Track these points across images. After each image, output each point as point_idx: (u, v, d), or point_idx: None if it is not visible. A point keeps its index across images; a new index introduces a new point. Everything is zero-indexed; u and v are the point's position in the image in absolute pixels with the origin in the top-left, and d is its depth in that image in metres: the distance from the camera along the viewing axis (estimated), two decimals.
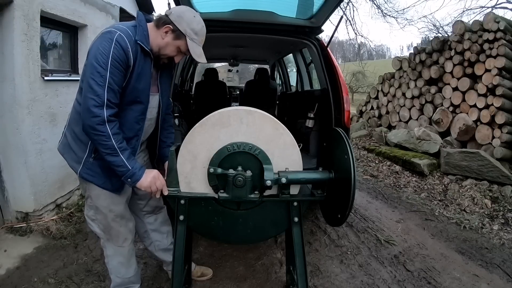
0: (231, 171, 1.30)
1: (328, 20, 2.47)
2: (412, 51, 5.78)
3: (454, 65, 4.68)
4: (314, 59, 2.67)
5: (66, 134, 1.44)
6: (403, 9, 16.56)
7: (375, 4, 10.32)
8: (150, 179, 1.31)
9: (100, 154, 1.27)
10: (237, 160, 1.32)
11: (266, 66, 5.65)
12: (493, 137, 4.07)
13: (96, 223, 1.50)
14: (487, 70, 4.20)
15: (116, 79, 1.21)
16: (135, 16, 1.36)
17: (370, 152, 5.03)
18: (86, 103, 1.19)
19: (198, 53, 1.35)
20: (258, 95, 4.54)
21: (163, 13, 1.36)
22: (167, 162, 1.44)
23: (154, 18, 1.39)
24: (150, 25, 1.33)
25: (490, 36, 4.17)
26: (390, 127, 5.85)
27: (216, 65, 9.21)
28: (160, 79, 1.45)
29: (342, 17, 2.92)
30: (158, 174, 1.35)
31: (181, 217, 1.39)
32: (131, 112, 1.33)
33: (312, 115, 2.95)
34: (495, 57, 4.10)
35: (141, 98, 1.33)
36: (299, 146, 1.40)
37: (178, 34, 1.30)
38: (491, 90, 4.11)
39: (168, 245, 1.79)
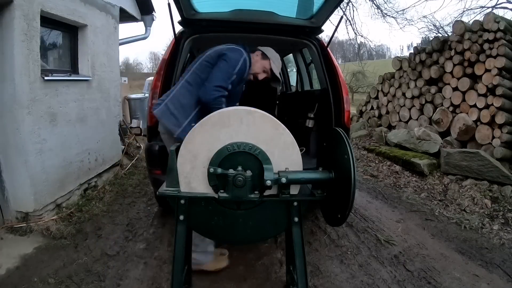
0: (231, 171, 1.30)
1: (328, 20, 2.47)
2: (412, 51, 5.78)
3: (454, 65, 4.68)
4: (314, 59, 2.67)
5: (168, 104, 1.82)
6: (403, 9, 16.54)
7: (375, 4, 10.33)
8: None
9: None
10: (237, 160, 1.32)
11: None
12: (493, 137, 4.07)
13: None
14: (487, 70, 4.20)
15: (234, 79, 1.82)
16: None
17: (370, 152, 5.03)
18: (213, 83, 1.75)
19: (277, 67, 2.06)
20: (258, 95, 4.54)
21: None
22: None
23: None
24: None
25: (490, 36, 4.17)
26: (390, 127, 5.85)
27: None
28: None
29: (342, 17, 2.92)
30: None
31: (181, 217, 1.39)
32: (230, 98, 1.87)
33: (312, 115, 2.95)
34: (495, 57, 4.10)
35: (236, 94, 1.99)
36: (301, 151, 1.39)
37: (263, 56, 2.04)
38: (491, 90, 4.11)
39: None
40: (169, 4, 2.02)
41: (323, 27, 2.53)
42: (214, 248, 2.00)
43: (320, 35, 2.71)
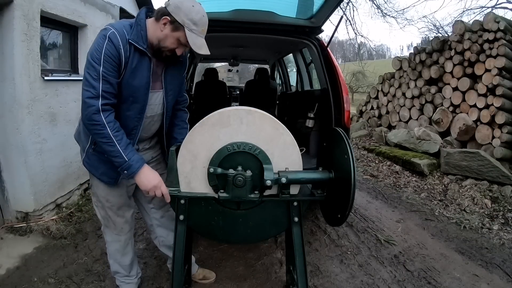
0: (231, 171, 1.30)
1: (328, 20, 2.47)
2: (412, 51, 5.78)
3: (454, 65, 4.68)
4: (314, 59, 2.67)
5: (80, 123, 1.45)
6: (403, 9, 16.57)
7: (375, 4, 10.33)
8: (151, 186, 1.31)
9: (98, 145, 1.29)
10: (237, 160, 1.32)
11: (266, 66, 5.65)
12: (493, 137, 4.07)
13: (98, 209, 1.58)
14: (487, 70, 4.20)
15: (110, 73, 1.23)
16: (135, 16, 1.35)
17: (370, 152, 5.03)
18: (82, 96, 1.23)
19: (198, 44, 1.28)
20: (258, 95, 4.54)
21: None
22: None
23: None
24: (151, 20, 1.32)
25: (490, 36, 4.17)
26: (390, 127, 5.85)
27: (216, 65, 9.21)
28: (165, 76, 1.41)
29: (342, 17, 2.93)
30: (160, 183, 1.32)
31: (181, 217, 1.39)
32: (126, 109, 1.32)
33: (312, 115, 2.95)
34: (495, 57, 4.10)
35: (137, 95, 1.32)
36: (301, 151, 1.39)
37: (176, 25, 1.26)
38: (491, 90, 4.11)
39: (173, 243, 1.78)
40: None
41: (323, 27, 2.53)
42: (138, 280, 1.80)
43: (320, 35, 2.71)
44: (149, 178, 1.31)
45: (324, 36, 2.97)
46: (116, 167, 1.29)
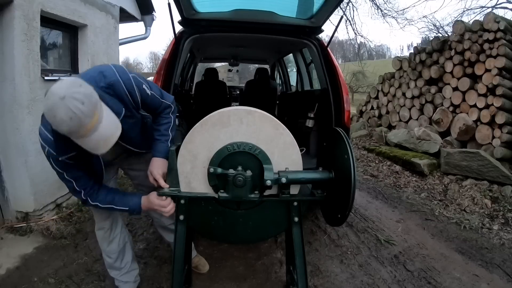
0: (231, 171, 1.30)
1: (328, 20, 2.47)
2: (412, 51, 5.78)
3: (454, 65, 4.68)
4: (314, 59, 2.67)
5: None
6: (403, 9, 16.49)
7: (375, 4, 10.32)
8: (154, 208, 1.38)
9: None
10: (237, 160, 1.32)
11: (266, 66, 5.65)
12: (493, 137, 4.07)
13: None
14: (487, 70, 4.20)
15: (75, 172, 1.33)
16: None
17: (370, 152, 5.03)
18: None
19: (91, 147, 1.07)
20: (258, 95, 4.54)
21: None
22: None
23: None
24: None
25: (490, 36, 4.17)
26: (390, 127, 5.85)
27: (216, 65, 9.21)
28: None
29: (342, 17, 2.92)
30: (150, 206, 1.38)
31: (181, 217, 1.39)
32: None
33: (312, 115, 2.95)
34: (495, 57, 4.10)
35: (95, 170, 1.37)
36: (301, 151, 1.39)
37: None
38: (491, 90, 4.11)
39: (168, 224, 1.81)
40: (169, 4, 2.02)
41: (323, 27, 2.53)
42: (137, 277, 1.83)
43: (320, 35, 2.71)
44: (149, 206, 1.39)
45: (324, 36, 2.96)
46: None
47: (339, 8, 2.48)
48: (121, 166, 1.69)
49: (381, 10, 10.37)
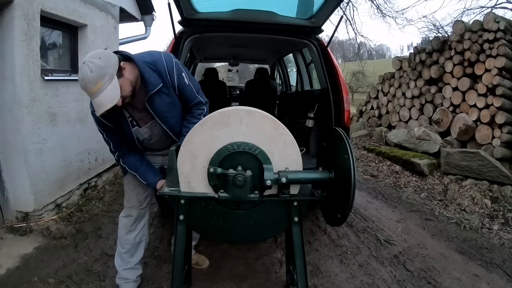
0: (231, 171, 1.30)
1: (328, 20, 2.47)
2: (412, 51, 5.78)
3: (454, 65, 4.68)
4: (314, 59, 2.67)
5: None
6: (403, 9, 16.54)
7: (374, 4, 10.32)
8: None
9: None
10: (237, 160, 1.32)
11: (266, 66, 5.65)
12: (493, 137, 4.07)
13: (124, 184, 1.79)
14: (487, 70, 4.20)
15: (109, 134, 1.56)
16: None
17: (370, 152, 5.03)
18: None
19: (94, 106, 1.31)
20: (258, 95, 4.54)
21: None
22: None
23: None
24: None
25: (490, 36, 4.17)
26: (390, 127, 5.85)
27: (216, 65, 9.22)
28: (152, 105, 1.46)
29: (342, 17, 2.92)
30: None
31: (181, 217, 1.39)
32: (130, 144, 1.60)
33: (312, 115, 2.95)
34: (495, 57, 4.10)
35: (126, 136, 1.55)
36: (301, 151, 1.39)
37: None
38: (491, 90, 4.11)
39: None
40: (169, 4, 2.02)
41: (323, 27, 2.53)
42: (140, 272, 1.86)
43: (320, 35, 2.71)
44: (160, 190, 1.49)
45: (324, 36, 2.97)
46: None
47: (339, 8, 2.48)
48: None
49: (381, 10, 10.38)
